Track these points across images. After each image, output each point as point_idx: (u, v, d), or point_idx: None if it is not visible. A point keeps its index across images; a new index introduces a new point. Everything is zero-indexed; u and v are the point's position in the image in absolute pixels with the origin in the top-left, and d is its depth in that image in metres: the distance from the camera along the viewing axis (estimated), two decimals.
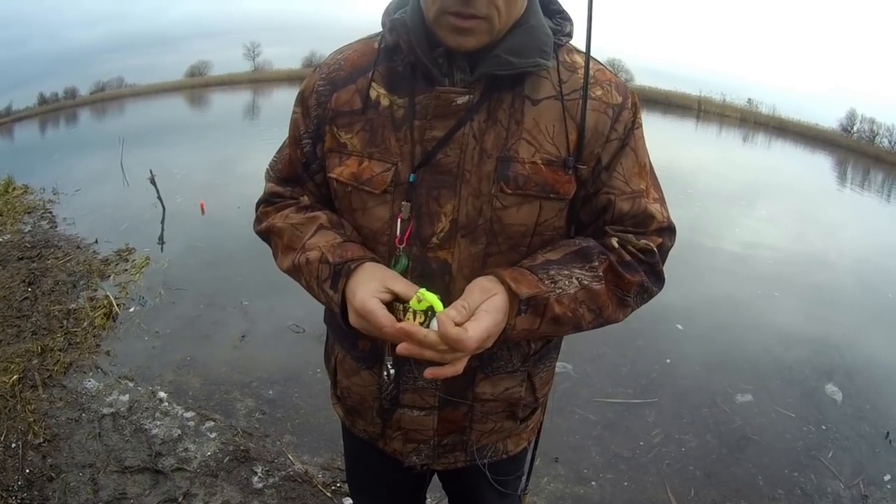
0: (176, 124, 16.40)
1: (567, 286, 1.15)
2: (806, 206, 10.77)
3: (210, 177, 8.98)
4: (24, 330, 4.15)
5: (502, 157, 1.15)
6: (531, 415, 1.46)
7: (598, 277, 1.17)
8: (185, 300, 4.67)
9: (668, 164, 11.08)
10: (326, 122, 1.24)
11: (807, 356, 4.44)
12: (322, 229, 1.25)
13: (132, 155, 9.31)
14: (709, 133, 24.77)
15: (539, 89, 1.17)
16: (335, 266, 1.17)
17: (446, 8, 1.06)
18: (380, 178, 1.18)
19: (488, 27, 1.08)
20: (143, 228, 6.47)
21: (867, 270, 7.05)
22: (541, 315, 1.13)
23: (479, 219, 1.17)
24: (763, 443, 3.38)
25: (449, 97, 1.13)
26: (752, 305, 5.34)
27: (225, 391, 3.45)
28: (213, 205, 7.10)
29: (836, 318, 5.31)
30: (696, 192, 9.71)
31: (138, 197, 7.40)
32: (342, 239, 1.22)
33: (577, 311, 1.16)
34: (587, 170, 1.19)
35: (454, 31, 1.08)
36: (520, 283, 1.11)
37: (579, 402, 3.56)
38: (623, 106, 1.21)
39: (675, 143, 17.84)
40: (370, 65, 1.22)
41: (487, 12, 1.06)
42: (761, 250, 7.10)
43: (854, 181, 18.79)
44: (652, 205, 1.26)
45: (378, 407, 1.36)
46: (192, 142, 12.56)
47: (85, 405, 3.32)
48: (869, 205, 13.68)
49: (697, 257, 6.35)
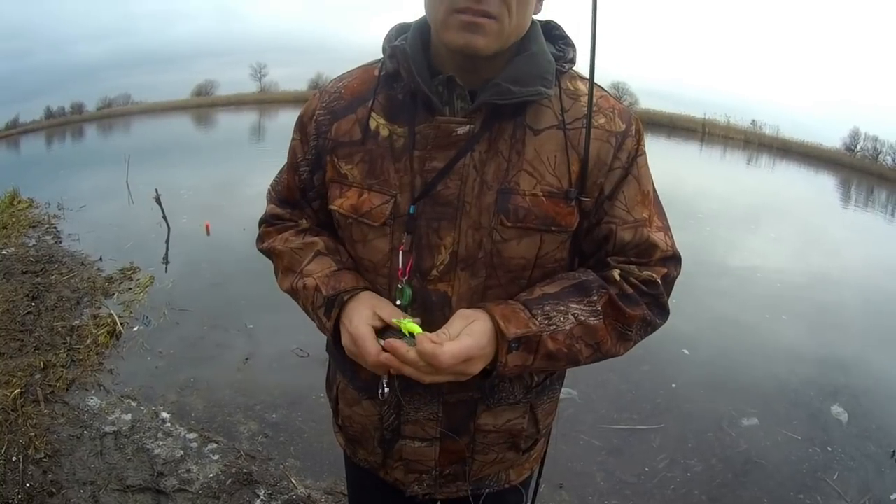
0: (182, 143, 16.53)
1: (562, 322, 1.13)
2: (810, 227, 10.81)
3: (215, 197, 9.04)
4: (27, 344, 4.16)
5: (503, 189, 1.14)
6: (534, 445, 1.44)
7: (596, 312, 1.15)
8: (188, 321, 4.69)
9: (672, 187, 11.13)
10: (327, 152, 1.24)
11: (812, 377, 4.46)
12: (319, 255, 1.26)
13: (138, 172, 9.35)
14: (713, 155, 24.90)
15: (541, 118, 1.16)
16: (328, 298, 1.19)
17: (456, 5, 1.04)
18: (379, 211, 1.18)
19: (498, 28, 1.06)
20: (147, 247, 6.51)
21: (872, 290, 7.10)
22: (534, 352, 1.12)
23: (479, 252, 1.16)
24: (769, 466, 3.39)
25: (449, 127, 1.12)
26: (757, 328, 5.36)
27: (228, 413, 3.46)
28: (219, 226, 7.15)
29: (841, 339, 5.34)
30: (701, 215, 9.77)
31: (143, 215, 7.46)
32: (337, 267, 1.23)
33: (572, 346, 1.15)
34: (591, 201, 1.18)
35: (464, 29, 1.05)
36: (509, 321, 1.10)
37: (584, 427, 3.56)
38: (626, 133, 1.19)
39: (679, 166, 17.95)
40: (370, 93, 1.22)
41: (498, 11, 1.04)
42: (766, 272, 7.15)
43: (858, 200, 18.85)
44: (655, 234, 1.23)
45: (379, 437, 1.35)
46: (198, 161, 12.68)
47: (87, 422, 3.32)
48: (873, 223, 13.78)
49: (703, 281, 6.37)
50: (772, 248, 8.46)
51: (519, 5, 1.06)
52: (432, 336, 1.05)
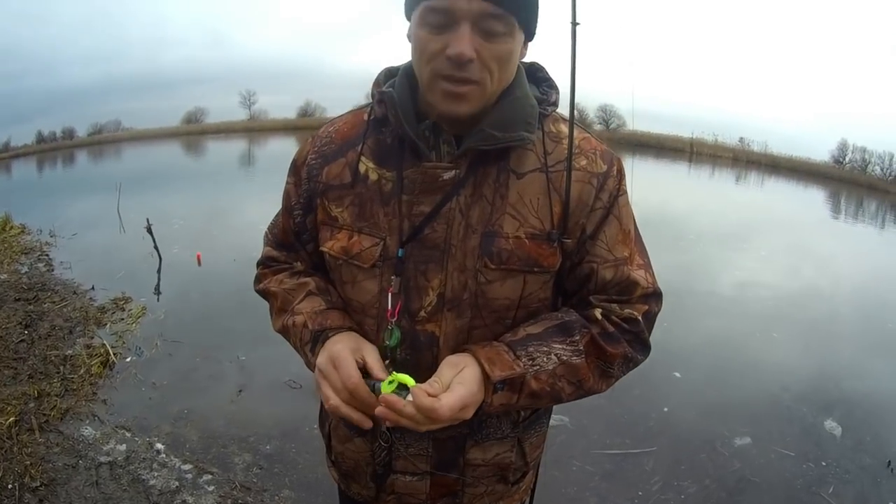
0: (173, 171, 16.58)
1: (545, 363, 1.16)
2: (801, 241, 10.96)
3: (206, 227, 9.11)
4: (21, 372, 4.20)
5: (487, 232, 1.17)
6: (523, 477, 1.46)
7: (578, 352, 1.18)
8: (181, 352, 4.73)
9: (661, 208, 11.40)
10: (318, 195, 1.28)
11: (805, 393, 4.53)
12: (310, 295, 1.29)
13: (129, 201, 9.39)
14: (702, 175, 25.01)
15: (524, 162, 1.19)
16: (314, 332, 1.23)
17: (440, 71, 1.08)
18: (368, 253, 1.21)
19: (481, 92, 1.10)
20: (139, 277, 6.56)
21: (863, 301, 7.25)
22: (518, 391, 1.15)
23: (465, 293, 1.19)
24: (763, 484, 3.43)
25: (436, 172, 1.16)
26: (749, 347, 5.43)
27: (222, 445, 3.50)
28: (209, 256, 7.19)
29: (833, 352, 5.44)
30: (691, 235, 9.90)
31: (134, 244, 7.49)
32: (326, 306, 1.27)
33: (555, 385, 1.18)
34: (572, 242, 1.21)
35: (447, 97, 1.10)
36: (494, 364, 1.12)
37: (577, 453, 3.58)
38: (608, 174, 1.23)
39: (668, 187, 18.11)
40: (359, 137, 1.25)
41: (480, 77, 1.08)
42: (757, 290, 7.26)
43: (848, 212, 19.04)
44: (636, 272, 1.26)
45: (372, 472, 1.37)
46: (188, 190, 12.72)
47: (82, 452, 3.36)
48: (863, 234, 14.01)
49: (694, 302, 6.48)
50: (762, 266, 8.58)
51: (501, 67, 1.10)
52: (427, 388, 1.08)
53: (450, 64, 1.06)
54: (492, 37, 1.07)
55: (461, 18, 1.05)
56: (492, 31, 1.06)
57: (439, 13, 1.06)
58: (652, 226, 7.64)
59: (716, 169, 26.83)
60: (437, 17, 1.07)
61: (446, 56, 1.06)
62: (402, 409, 1.06)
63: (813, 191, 22.83)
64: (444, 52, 1.07)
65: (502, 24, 1.07)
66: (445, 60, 1.07)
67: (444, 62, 1.07)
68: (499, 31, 1.07)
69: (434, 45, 1.08)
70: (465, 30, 1.05)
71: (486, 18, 1.05)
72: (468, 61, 1.06)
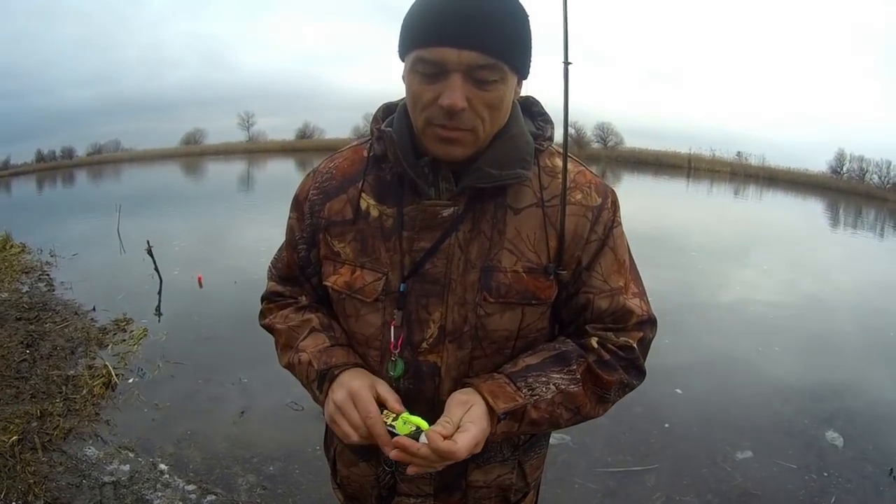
0: (173, 193, 16.65)
1: (544, 392, 1.19)
2: (800, 253, 11.06)
3: (207, 249, 9.16)
4: (23, 392, 4.22)
5: (486, 266, 1.20)
6: (524, 498, 1.48)
7: (575, 380, 1.22)
8: (183, 374, 4.77)
9: (660, 225, 11.48)
10: (320, 230, 1.30)
11: (806, 406, 4.57)
12: (314, 332, 1.31)
13: (129, 222, 9.47)
14: (700, 190, 25.04)
15: (521, 198, 1.22)
16: (320, 372, 1.24)
17: (433, 120, 1.11)
18: (371, 288, 1.23)
19: (473, 138, 1.12)
20: (140, 299, 6.61)
21: (863, 310, 7.32)
22: (519, 421, 1.18)
23: (465, 325, 1.21)
24: (765, 496, 3.44)
25: (435, 210, 1.18)
26: (750, 361, 5.47)
27: (226, 466, 3.51)
28: (210, 278, 7.25)
29: (834, 364, 5.48)
30: (690, 251, 9.98)
31: (135, 266, 7.57)
32: (330, 343, 1.28)
33: (553, 412, 1.21)
34: (568, 274, 1.24)
35: (441, 142, 1.13)
36: (497, 397, 1.15)
37: (579, 472, 3.59)
38: (602, 207, 1.25)
39: (666, 204, 18.18)
40: (360, 174, 1.28)
41: (473, 125, 1.10)
42: (757, 304, 7.33)
43: (846, 222, 19.09)
44: (631, 300, 1.29)
45: (377, 495, 1.40)
46: (188, 212, 12.78)
47: (85, 472, 3.38)
48: (862, 244, 14.07)
49: (694, 317, 6.55)
50: (762, 279, 8.66)
51: (493, 113, 1.12)
52: (441, 430, 1.09)
53: (442, 113, 1.09)
54: (483, 85, 1.09)
55: (452, 70, 1.07)
56: (483, 79, 1.08)
57: (430, 64, 1.08)
58: (652, 242, 7.74)
59: (714, 184, 26.91)
60: (428, 67, 1.08)
61: (439, 105, 1.08)
62: (417, 451, 1.07)
63: (812, 202, 22.90)
64: (436, 101, 1.09)
65: (493, 72, 1.08)
66: (438, 109, 1.09)
67: (437, 111, 1.09)
68: (490, 79, 1.09)
69: (427, 94, 1.10)
70: (456, 80, 1.07)
71: (477, 69, 1.07)
72: (461, 111, 1.08)
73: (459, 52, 1.06)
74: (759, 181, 28.58)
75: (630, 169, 27.23)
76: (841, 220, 19.58)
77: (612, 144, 35.45)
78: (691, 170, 30.81)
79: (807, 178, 28.73)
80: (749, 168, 30.72)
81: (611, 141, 35.72)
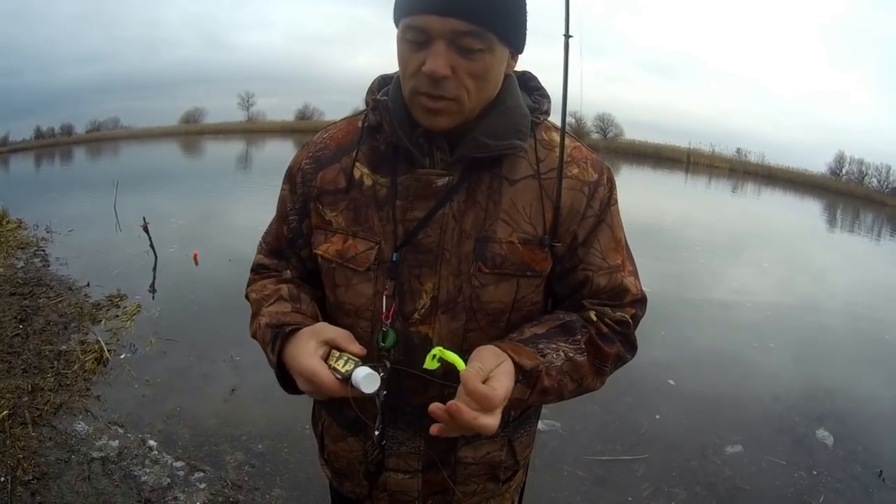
0: (170, 171, 16.62)
1: (555, 359, 1.18)
2: (796, 252, 11.07)
3: (203, 227, 9.15)
4: (15, 366, 4.22)
5: (480, 237, 1.19)
6: (513, 476, 1.48)
7: (580, 350, 1.22)
8: (175, 350, 4.76)
9: (657, 218, 11.49)
10: (312, 199, 1.29)
11: (797, 403, 4.58)
12: (280, 300, 1.30)
13: (126, 199, 9.43)
14: (698, 185, 25.04)
15: (516, 169, 1.22)
16: (273, 329, 1.22)
17: (418, 88, 1.11)
18: (364, 256, 1.23)
19: (458, 108, 1.12)
20: (134, 275, 6.59)
21: (858, 312, 7.33)
22: (532, 387, 1.16)
23: (459, 296, 1.21)
24: (753, 492, 3.45)
25: (429, 179, 1.19)
26: (744, 356, 5.49)
27: (214, 443, 3.51)
28: (205, 256, 7.22)
29: (827, 363, 5.50)
30: (687, 245, 9.96)
31: (130, 242, 7.56)
32: (291, 309, 1.28)
33: (561, 381, 1.20)
34: (563, 247, 1.24)
35: (426, 112, 1.13)
36: (521, 355, 1.13)
37: (567, 459, 3.61)
38: (598, 183, 1.26)
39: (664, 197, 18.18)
40: (354, 144, 1.27)
41: (456, 94, 1.10)
42: (753, 300, 7.34)
43: (844, 224, 19.14)
44: (627, 278, 1.31)
45: (364, 470, 1.39)
46: (186, 190, 12.76)
47: (74, 447, 3.38)
48: (859, 246, 14.11)
49: (689, 311, 6.56)
50: (757, 276, 8.66)
51: (478, 83, 1.12)
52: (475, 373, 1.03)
53: (426, 80, 1.09)
54: (468, 53, 1.08)
55: (436, 36, 1.07)
56: (468, 47, 1.08)
57: (416, 31, 1.08)
58: (648, 235, 7.71)
59: (713, 179, 26.87)
60: (414, 34, 1.09)
61: (423, 72, 1.09)
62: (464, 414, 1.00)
63: (809, 202, 22.88)
64: (421, 69, 1.09)
65: (479, 40, 1.08)
66: (423, 77, 1.09)
67: (421, 79, 1.10)
68: (475, 47, 1.08)
69: (413, 62, 1.11)
70: (439, 47, 1.07)
71: (461, 36, 1.07)
72: (442, 78, 1.08)
73: (443, 18, 1.06)
74: (758, 179, 28.56)
75: (629, 161, 27.14)
76: (838, 222, 19.60)
77: (612, 136, 35.38)
78: (690, 164, 30.76)
79: (805, 178, 28.71)
80: (748, 165, 30.68)
81: (610, 132, 35.65)
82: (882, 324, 6.95)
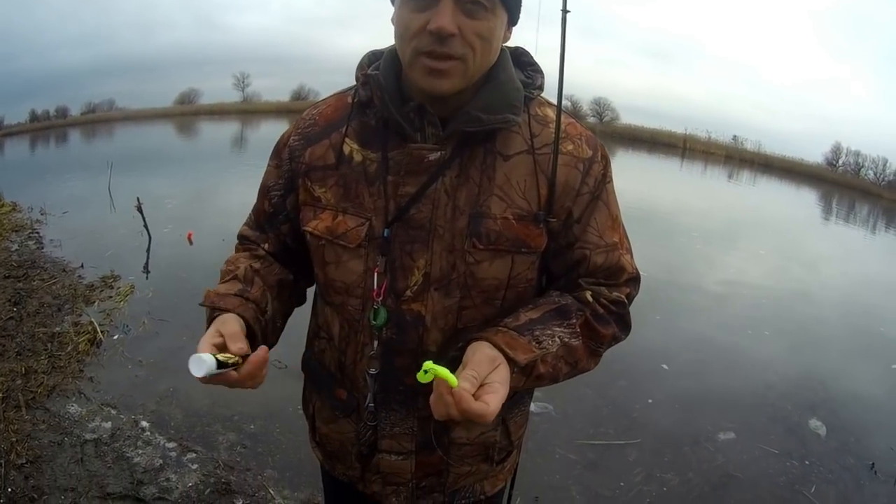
0: (165, 152, 16.54)
1: (550, 346, 1.16)
2: (791, 241, 11.07)
3: (197, 207, 9.12)
4: (9, 349, 4.20)
5: (474, 213, 1.18)
6: (507, 457, 1.47)
7: (575, 333, 1.20)
8: (168, 331, 4.75)
9: (653, 203, 11.45)
10: (300, 175, 1.28)
11: (790, 392, 4.58)
12: (233, 280, 1.28)
13: (120, 180, 9.40)
14: (694, 171, 24.99)
15: (510, 144, 1.20)
16: (208, 310, 1.22)
17: (421, 48, 1.08)
18: (354, 233, 1.21)
19: (463, 68, 1.10)
20: (128, 256, 6.57)
21: (852, 304, 7.36)
22: (528, 375, 1.15)
23: (453, 273, 1.19)
24: (745, 479, 3.46)
25: (421, 153, 1.17)
26: (738, 343, 5.48)
27: (207, 424, 3.51)
28: (199, 236, 7.21)
29: (820, 353, 5.50)
30: (695, 233, 9.96)
31: (125, 223, 7.52)
32: (235, 292, 1.24)
33: (556, 366, 1.19)
34: (557, 223, 1.22)
35: (429, 73, 1.10)
36: (515, 350, 1.11)
37: (560, 442, 3.61)
38: (593, 160, 1.24)
39: (659, 182, 18.13)
40: (343, 120, 1.25)
41: (463, 52, 1.09)
42: (750, 288, 7.35)
43: (839, 215, 19.17)
44: (624, 256, 1.30)
45: (357, 452, 1.38)
46: (180, 171, 12.68)
47: (67, 429, 3.37)
48: (854, 238, 14.12)
49: (683, 297, 6.56)
50: (752, 264, 8.64)
51: (483, 44, 1.10)
52: (468, 387, 1.01)
53: (431, 39, 1.07)
54: (473, 14, 1.08)
55: None
56: (473, 8, 1.07)
57: None
58: (642, 220, 7.68)
59: (708, 166, 26.80)
60: None
61: (428, 31, 1.07)
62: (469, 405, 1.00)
63: (805, 192, 22.86)
64: (425, 29, 1.07)
65: (484, 1, 1.07)
66: (427, 36, 1.07)
67: (426, 38, 1.08)
68: (480, 8, 1.08)
69: (416, 22, 1.08)
70: (446, 5, 1.06)
71: None
72: (449, 35, 1.06)
73: None
74: (754, 167, 28.50)
75: (625, 145, 27.02)
76: (834, 212, 19.58)
77: (608, 120, 35.18)
78: (686, 150, 30.66)
79: (802, 168, 28.63)
80: (744, 153, 30.58)
81: (607, 116, 35.44)
82: (876, 317, 6.93)
